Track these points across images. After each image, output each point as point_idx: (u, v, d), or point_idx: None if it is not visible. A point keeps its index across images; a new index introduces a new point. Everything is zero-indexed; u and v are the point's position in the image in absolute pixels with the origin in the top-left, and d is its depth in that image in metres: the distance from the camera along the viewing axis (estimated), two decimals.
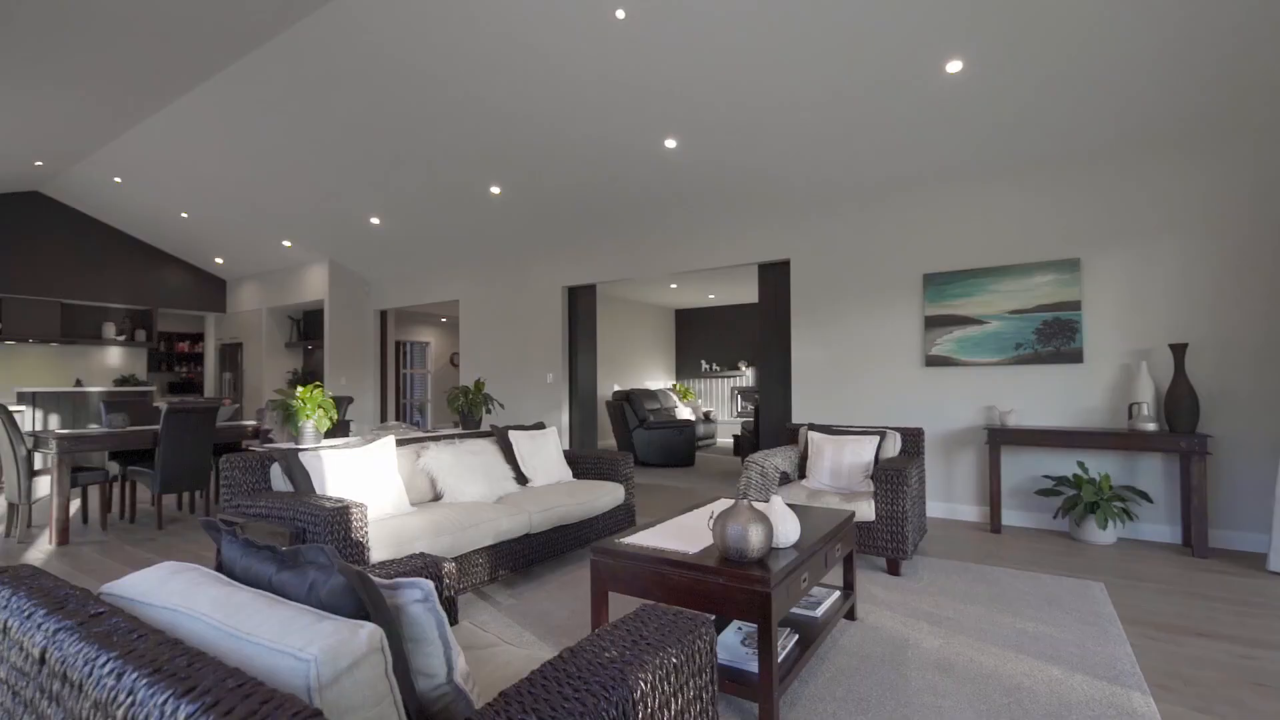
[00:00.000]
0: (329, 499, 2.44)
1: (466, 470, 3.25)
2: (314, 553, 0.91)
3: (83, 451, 4.15)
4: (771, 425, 5.59)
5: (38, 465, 4.24)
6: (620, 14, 3.54)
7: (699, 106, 4.17)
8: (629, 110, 4.30)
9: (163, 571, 0.96)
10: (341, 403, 5.89)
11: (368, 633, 0.75)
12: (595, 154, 4.92)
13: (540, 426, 4.06)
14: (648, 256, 6.16)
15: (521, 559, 3.08)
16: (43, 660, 0.74)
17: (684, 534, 2.30)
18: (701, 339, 11.47)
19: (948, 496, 4.66)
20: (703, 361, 11.41)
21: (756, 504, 2.76)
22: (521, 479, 3.67)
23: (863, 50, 3.52)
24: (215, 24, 3.79)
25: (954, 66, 3.58)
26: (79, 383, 7.95)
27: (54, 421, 6.91)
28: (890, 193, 4.88)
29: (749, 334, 10.92)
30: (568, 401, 6.77)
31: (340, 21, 3.81)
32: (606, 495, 3.65)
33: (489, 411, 4.20)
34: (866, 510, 3.30)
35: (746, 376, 11.00)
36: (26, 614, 0.81)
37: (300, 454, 2.69)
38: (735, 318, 11.10)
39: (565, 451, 4.06)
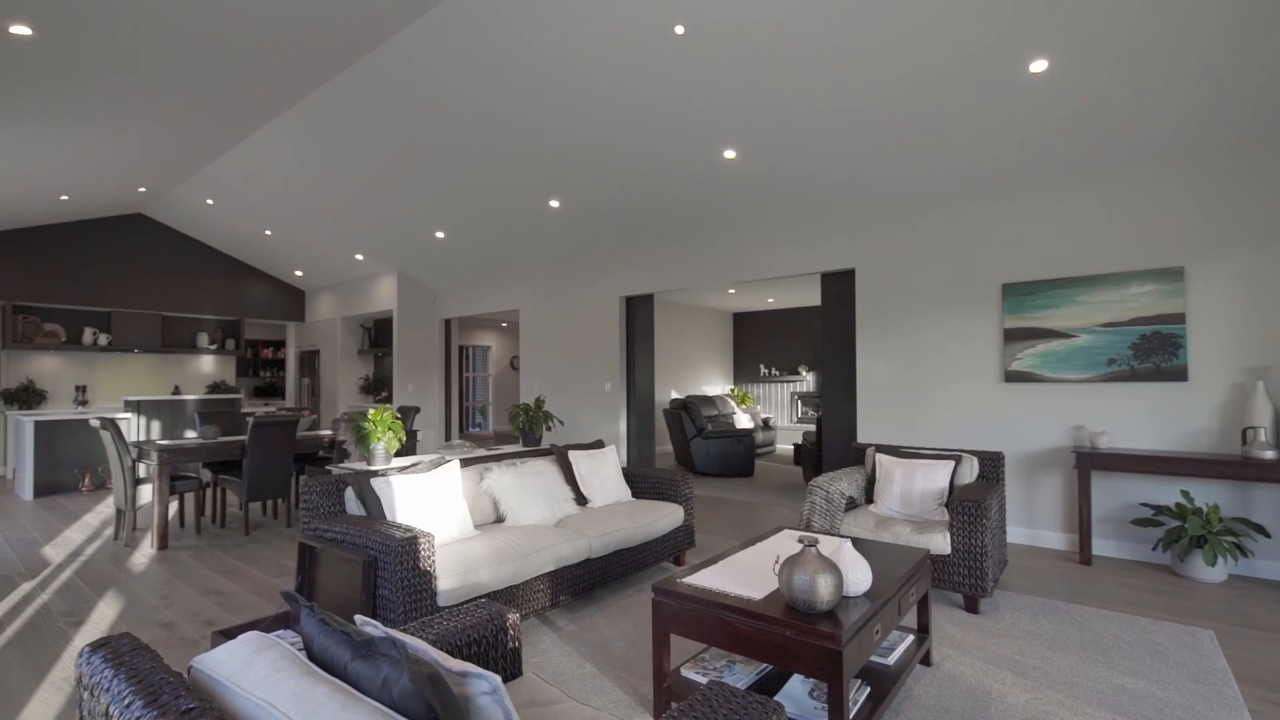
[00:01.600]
0: (399, 527, 2.51)
1: (528, 493, 3.29)
2: (386, 645, 0.91)
3: (180, 462, 4.48)
4: (835, 439, 5.41)
5: (141, 474, 4.60)
6: (679, 29, 3.48)
7: (760, 117, 4.06)
8: (688, 123, 4.24)
9: (248, 649, 0.99)
10: (409, 413, 6.11)
11: None
12: (654, 167, 4.88)
13: (599, 445, 4.07)
14: (706, 266, 6.08)
15: (582, 583, 3.09)
16: None
17: (747, 574, 2.23)
18: (760, 343, 11.26)
19: (1030, 522, 4.37)
20: (761, 366, 11.20)
21: (825, 540, 2.65)
22: (581, 499, 3.69)
23: (938, 51, 3.33)
24: (293, 61, 3.99)
25: (1038, 66, 3.32)
26: (177, 390, 8.62)
27: (155, 428, 7.52)
28: (966, 198, 4.61)
29: (810, 338, 10.63)
30: (625, 410, 6.78)
31: (407, 55, 3.93)
32: (666, 517, 3.62)
33: (549, 429, 4.24)
34: (941, 543, 3.12)
35: (807, 381, 10.72)
36: (126, 702, 0.85)
37: (372, 480, 2.79)
38: (795, 321, 10.82)
39: (623, 469, 4.05)
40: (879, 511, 3.58)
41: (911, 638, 2.47)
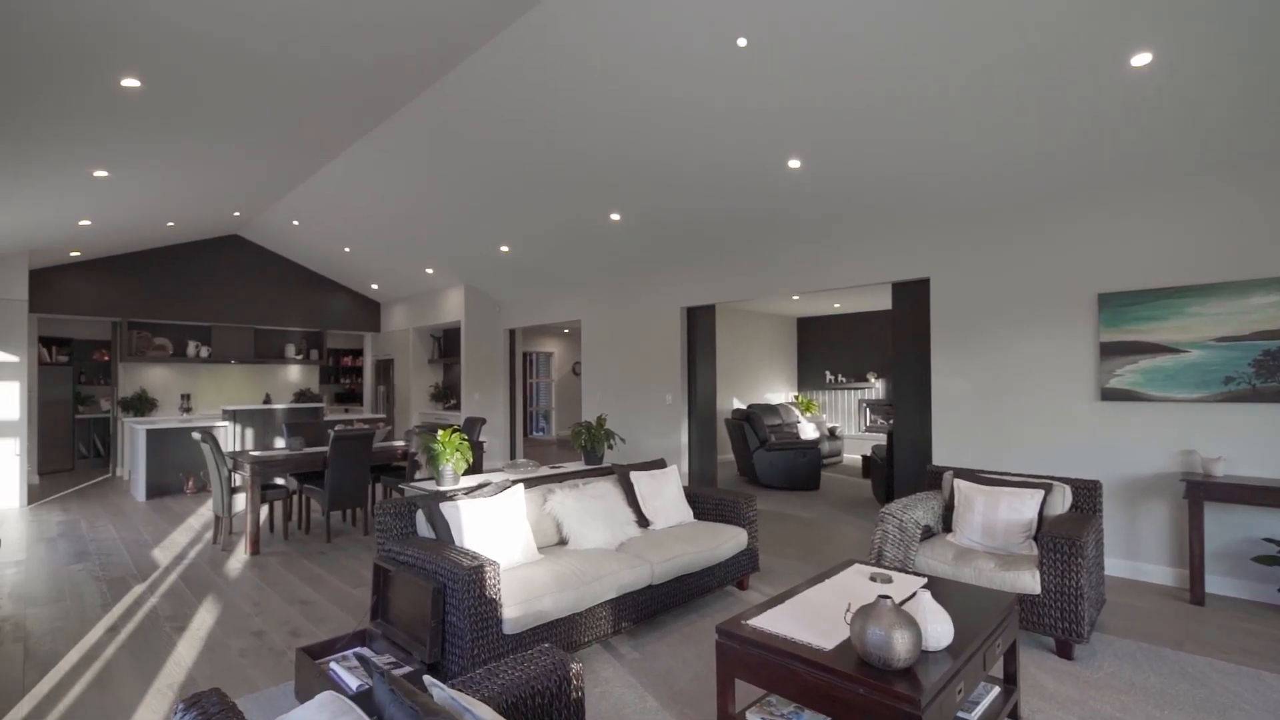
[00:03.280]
0: (466, 554, 2.57)
1: (590, 516, 3.30)
2: None
3: (270, 473, 4.79)
4: (907, 456, 5.15)
5: (236, 482, 4.95)
6: (742, 42, 3.40)
7: (825, 123, 3.91)
8: (750, 134, 4.14)
9: (324, 715, 1.02)
10: (475, 424, 6.29)
11: None
12: (716, 179, 4.81)
13: (660, 464, 4.04)
14: (770, 276, 5.94)
15: (644, 610, 3.07)
16: None
17: (815, 618, 2.14)
18: (826, 349, 10.92)
19: (1130, 553, 4.00)
20: (827, 372, 10.86)
21: (899, 579, 2.52)
22: (643, 521, 3.67)
23: (1025, 40, 3.10)
24: (366, 95, 4.18)
25: (1141, 59, 3.03)
26: (268, 398, 9.25)
27: (249, 435, 8.11)
28: (1056, 202, 4.28)
29: (878, 343, 10.21)
30: (686, 421, 6.72)
31: (472, 82, 4.03)
32: (729, 541, 3.54)
33: (610, 447, 4.25)
34: (1029, 582, 2.90)
35: (876, 389, 10.30)
36: None
37: (440, 504, 2.87)
38: (864, 326, 10.42)
39: (685, 488, 4.00)
40: (958, 542, 3.37)
41: (998, 689, 2.30)
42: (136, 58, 3.18)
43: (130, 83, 3.42)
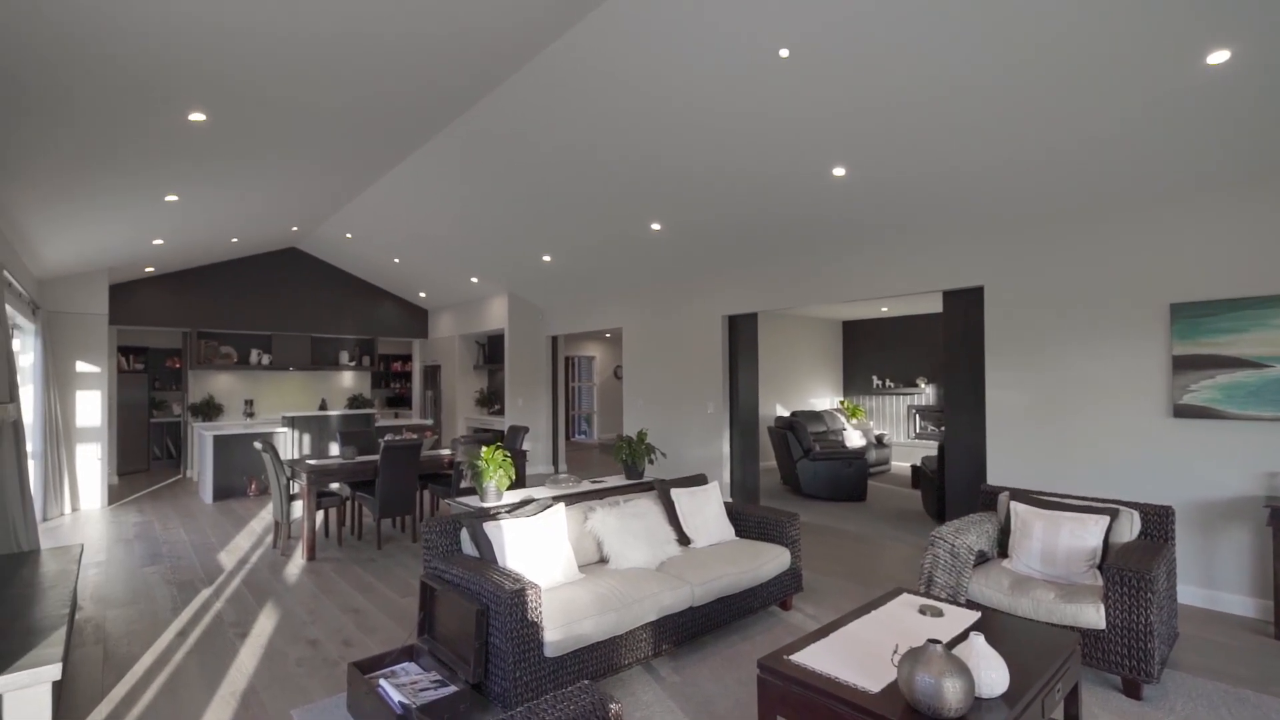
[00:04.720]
0: (509, 576, 2.61)
1: (630, 535, 3.30)
2: None
3: (325, 481, 4.99)
4: (959, 471, 4.95)
5: (293, 490, 5.17)
6: (784, 53, 3.34)
7: (871, 130, 3.80)
8: (793, 143, 4.06)
9: None
10: (518, 433, 6.39)
11: None
12: (758, 188, 4.74)
13: (701, 480, 4.01)
14: (813, 284, 5.82)
15: (685, 631, 3.05)
16: None
17: (862, 655, 2.08)
18: (873, 353, 10.62)
19: (1206, 581, 3.74)
20: (874, 377, 10.56)
21: (951, 612, 2.42)
22: (683, 539, 3.65)
23: (1087, 44, 2.93)
24: (413, 116, 4.30)
25: (1218, 57, 2.82)
26: (324, 404, 9.65)
27: (306, 441, 8.47)
28: (1123, 205, 4.04)
29: (929, 348, 9.87)
30: (728, 430, 6.65)
31: (516, 101, 4.09)
32: (771, 561, 3.49)
33: (651, 462, 4.25)
34: (1093, 616, 2.74)
35: (926, 394, 9.96)
36: None
37: (484, 523, 2.92)
38: (912, 330, 10.09)
39: (727, 504, 3.96)
40: (1015, 569, 3.22)
41: None
42: (202, 94, 3.35)
43: (197, 116, 3.61)
